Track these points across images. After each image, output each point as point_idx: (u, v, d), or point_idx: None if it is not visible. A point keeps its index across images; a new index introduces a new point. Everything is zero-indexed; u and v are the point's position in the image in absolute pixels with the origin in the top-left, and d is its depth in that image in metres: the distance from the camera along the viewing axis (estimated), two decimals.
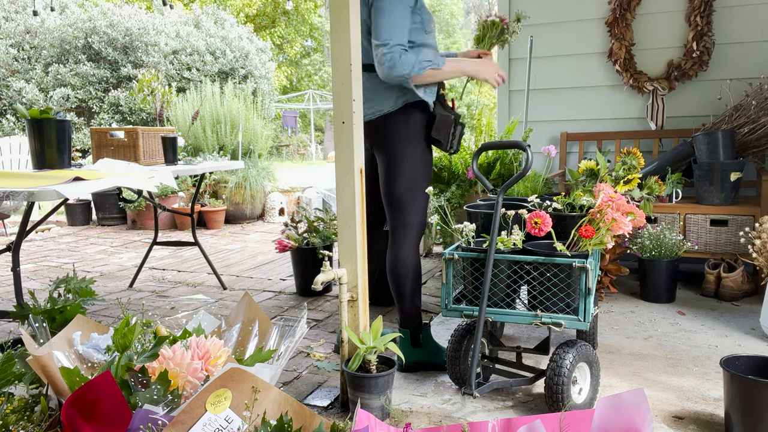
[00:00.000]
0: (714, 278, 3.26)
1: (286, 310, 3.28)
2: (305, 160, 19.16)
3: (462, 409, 2.00)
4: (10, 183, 2.18)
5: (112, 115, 10.27)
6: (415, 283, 2.34)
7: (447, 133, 2.28)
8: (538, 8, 4.16)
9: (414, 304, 2.34)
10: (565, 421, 1.52)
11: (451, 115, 2.28)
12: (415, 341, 2.35)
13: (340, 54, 1.94)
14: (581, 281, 1.89)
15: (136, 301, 3.43)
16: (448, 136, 2.29)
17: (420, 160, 2.29)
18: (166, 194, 6.31)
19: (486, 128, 4.43)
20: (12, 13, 10.80)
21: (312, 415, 1.59)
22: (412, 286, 2.33)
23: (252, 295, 2.80)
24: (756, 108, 3.48)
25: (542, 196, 2.33)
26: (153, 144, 3.43)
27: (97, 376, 1.42)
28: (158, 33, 10.87)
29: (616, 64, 3.98)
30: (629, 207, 2.04)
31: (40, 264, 4.66)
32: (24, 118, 2.55)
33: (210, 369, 1.60)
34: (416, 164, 2.27)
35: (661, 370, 2.30)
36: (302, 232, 3.64)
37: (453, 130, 2.29)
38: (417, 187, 2.29)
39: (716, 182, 3.32)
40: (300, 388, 2.22)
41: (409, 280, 2.31)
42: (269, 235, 5.99)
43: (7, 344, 1.84)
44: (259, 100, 8.52)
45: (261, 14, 20.43)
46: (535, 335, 2.73)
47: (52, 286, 2.11)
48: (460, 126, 2.32)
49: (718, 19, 3.78)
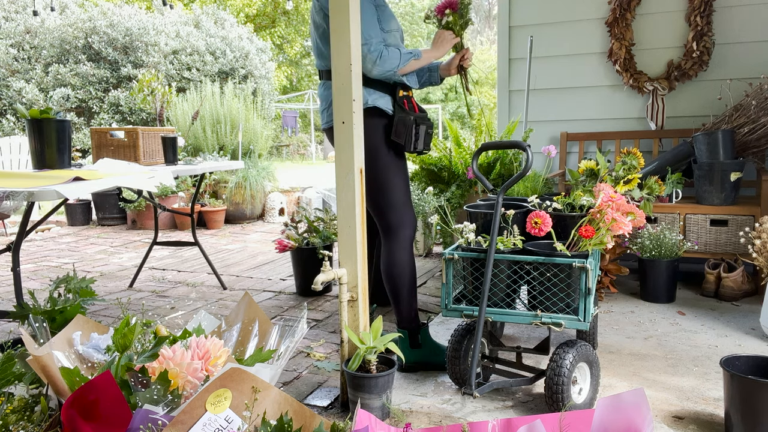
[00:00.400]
0: (714, 278, 3.26)
1: (286, 310, 3.28)
2: (305, 160, 19.16)
3: (462, 409, 2.00)
4: (10, 183, 2.18)
5: (112, 115, 10.28)
6: (411, 285, 2.35)
7: (407, 135, 2.27)
8: (538, 8, 4.16)
9: (410, 306, 2.35)
10: (565, 421, 1.52)
11: (410, 116, 2.27)
12: (414, 342, 2.35)
13: (340, 54, 1.95)
14: (581, 281, 1.89)
15: (136, 301, 3.43)
16: (410, 137, 2.27)
17: (387, 163, 2.28)
18: (166, 194, 6.31)
19: (486, 128, 4.43)
20: (12, 13, 10.81)
21: (312, 415, 1.59)
22: (407, 287, 2.33)
23: (252, 295, 2.80)
24: (756, 108, 3.48)
25: (542, 196, 2.33)
26: (153, 144, 3.43)
27: (97, 376, 1.42)
28: (158, 33, 10.87)
29: (616, 64, 3.98)
30: (629, 207, 2.05)
31: (40, 264, 4.67)
32: (24, 118, 2.55)
33: (210, 369, 1.60)
34: (383, 169, 2.27)
35: (661, 370, 2.30)
36: (302, 232, 3.64)
37: (415, 130, 2.28)
38: (392, 191, 2.29)
39: (716, 182, 3.32)
40: (300, 388, 2.22)
41: (404, 281, 2.32)
42: (269, 235, 5.99)
43: (7, 344, 1.84)
44: (259, 100, 8.52)
45: (261, 14, 20.44)
46: (535, 335, 2.73)
47: (52, 286, 2.11)
48: (424, 125, 2.30)
49: (718, 19, 3.78)
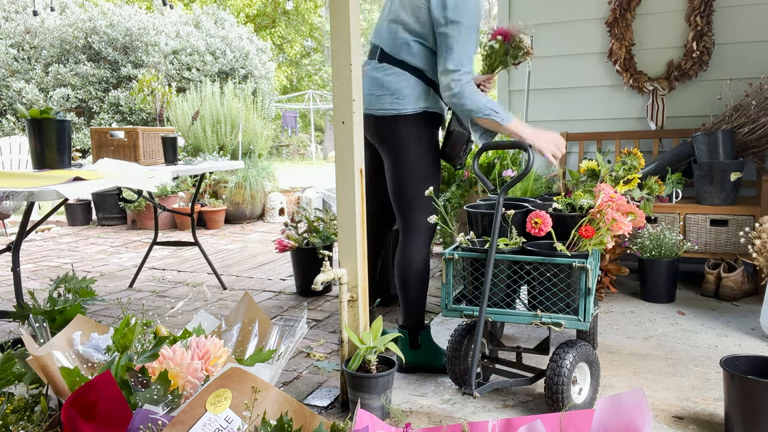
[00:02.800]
0: (714, 278, 3.26)
1: (286, 310, 3.28)
2: (305, 160, 19.16)
3: (462, 409, 2.00)
4: (10, 183, 2.18)
5: (112, 115, 10.28)
6: (423, 285, 2.32)
7: (460, 150, 2.30)
8: (538, 8, 4.16)
9: (418, 306, 2.33)
10: (565, 421, 1.52)
11: (466, 133, 2.28)
12: (413, 342, 2.33)
13: (340, 54, 1.94)
14: (581, 281, 1.89)
15: (136, 301, 3.43)
16: (461, 153, 2.31)
17: (431, 164, 2.27)
18: (166, 194, 6.31)
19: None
20: (12, 13, 10.80)
21: (312, 415, 1.59)
22: (419, 287, 2.31)
23: (252, 295, 2.80)
24: (756, 108, 3.48)
25: (542, 196, 2.33)
26: (153, 144, 3.43)
27: (97, 376, 1.42)
28: (158, 33, 10.87)
29: (616, 64, 3.98)
30: (629, 207, 2.04)
31: (40, 264, 4.66)
32: (24, 118, 2.55)
33: (210, 369, 1.60)
34: (426, 168, 2.26)
35: (661, 370, 2.30)
36: (302, 232, 3.64)
37: (465, 147, 2.31)
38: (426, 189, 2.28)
39: (716, 182, 3.32)
40: (300, 388, 2.22)
41: (418, 281, 2.29)
42: (269, 235, 5.99)
43: (7, 344, 1.84)
44: (259, 100, 8.52)
45: (261, 14, 20.43)
46: (535, 335, 2.73)
47: (52, 286, 2.11)
48: (471, 143, 2.33)
49: (718, 19, 3.78)
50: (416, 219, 2.28)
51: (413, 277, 2.29)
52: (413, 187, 2.25)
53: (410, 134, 2.21)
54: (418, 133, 2.22)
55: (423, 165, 2.25)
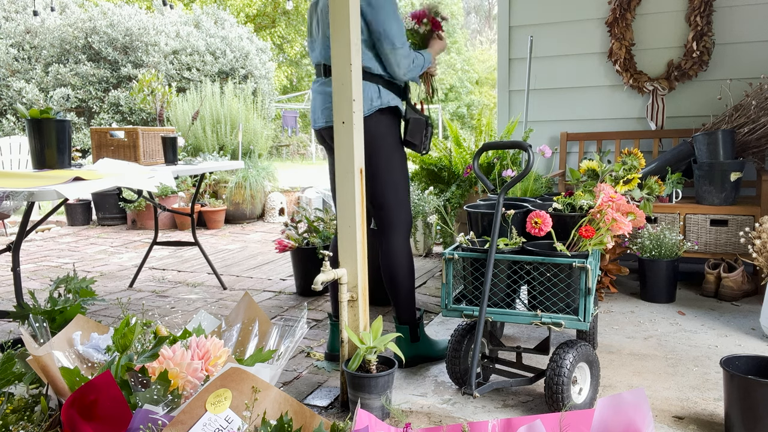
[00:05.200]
0: (714, 278, 3.26)
1: (286, 310, 3.28)
2: (305, 160, 19.15)
3: (462, 409, 2.00)
4: (10, 183, 2.18)
5: (112, 115, 10.28)
6: (411, 277, 2.40)
7: (420, 136, 2.37)
8: (538, 8, 4.16)
9: (410, 299, 2.41)
10: (565, 421, 1.52)
11: (423, 118, 2.36)
12: (414, 336, 2.40)
13: (340, 54, 1.95)
14: (581, 281, 1.89)
15: (136, 301, 3.43)
16: (422, 138, 2.37)
17: (397, 161, 2.34)
18: (166, 194, 6.31)
19: (486, 128, 4.43)
20: (12, 13, 10.80)
21: (312, 415, 1.59)
22: (409, 279, 2.39)
23: (252, 295, 2.80)
24: (756, 108, 3.48)
25: (542, 196, 2.33)
26: (153, 144, 3.43)
27: (97, 376, 1.42)
28: (158, 33, 10.87)
29: (616, 64, 3.98)
30: (629, 207, 2.05)
31: (40, 264, 4.66)
32: (24, 118, 2.55)
33: (210, 369, 1.60)
34: (394, 166, 2.33)
35: (661, 370, 2.30)
36: (302, 232, 3.65)
37: (425, 132, 2.37)
38: (399, 187, 2.35)
39: (716, 182, 3.32)
40: (300, 388, 2.22)
41: (406, 275, 2.37)
42: (269, 235, 5.99)
43: (7, 344, 1.84)
44: (259, 100, 8.52)
45: (261, 14, 20.43)
46: (535, 335, 2.73)
47: (52, 286, 2.11)
48: (430, 127, 2.41)
49: (718, 19, 3.78)
50: (393, 216, 2.36)
51: (401, 271, 2.36)
52: (385, 186, 2.32)
53: (371, 135, 2.26)
54: (379, 133, 2.28)
55: (390, 162, 2.31)
